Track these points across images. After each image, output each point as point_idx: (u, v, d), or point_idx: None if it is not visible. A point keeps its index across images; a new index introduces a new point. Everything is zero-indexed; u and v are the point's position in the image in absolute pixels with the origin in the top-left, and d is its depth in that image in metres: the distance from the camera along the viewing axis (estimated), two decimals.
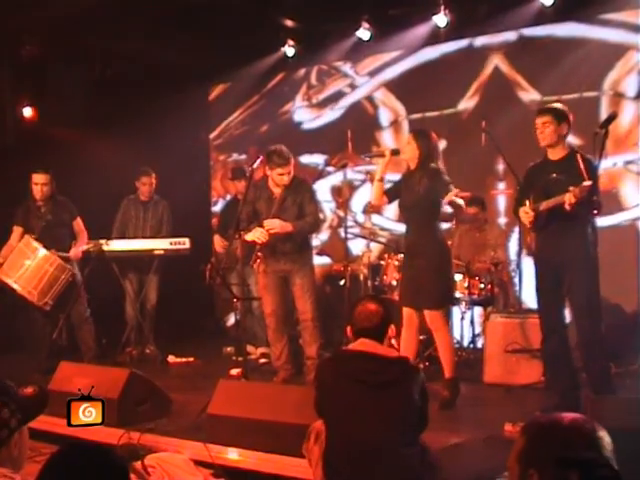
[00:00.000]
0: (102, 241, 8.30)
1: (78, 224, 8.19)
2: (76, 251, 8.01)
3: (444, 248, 6.43)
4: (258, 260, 6.96)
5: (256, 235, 6.85)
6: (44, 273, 7.56)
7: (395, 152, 6.48)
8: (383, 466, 3.62)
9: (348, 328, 3.99)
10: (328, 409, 3.85)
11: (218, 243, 8.74)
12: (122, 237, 8.70)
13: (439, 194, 6.17)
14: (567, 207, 5.35)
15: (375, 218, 9.68)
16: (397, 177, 6.73)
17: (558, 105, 5.91)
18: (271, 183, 7.06)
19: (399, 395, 3.72)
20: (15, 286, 7.55)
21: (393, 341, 4.09)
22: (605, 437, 2.10)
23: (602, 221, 6.48)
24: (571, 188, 5.31)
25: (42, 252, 7.60)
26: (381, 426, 3.66)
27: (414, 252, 6.37)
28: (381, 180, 6.45)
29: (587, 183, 5.23)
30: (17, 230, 7.96)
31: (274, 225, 6.83)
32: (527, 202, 5.74)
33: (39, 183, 7.95)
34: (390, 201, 6.56)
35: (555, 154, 5.75)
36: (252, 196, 7.11)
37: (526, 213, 5.74)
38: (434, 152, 6.35)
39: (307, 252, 7.18)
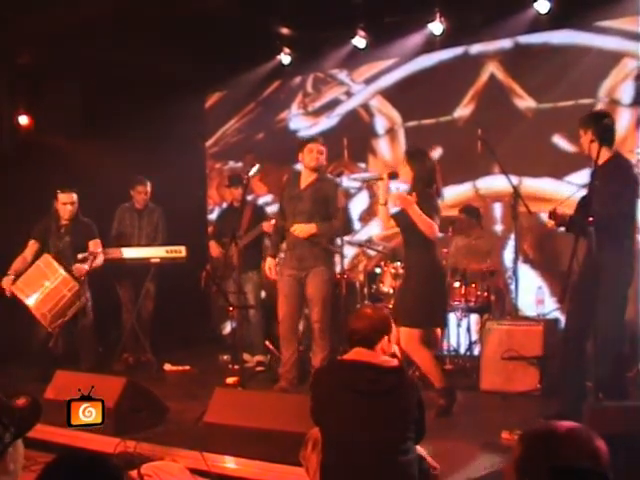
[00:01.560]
0: (99, 249, 8.28)
1: (95, 244, 8.09)
2: (79, 267, 7.87)
3: (435, 271, 6.34)
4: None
5: None
6: (61, 298, 7.55)
7: (393, 175, 6.40)
8: (381, 475, 3.61)
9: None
10: (324, 418, 3.83)
11: (214, 249, 8.73)
12: (119, 245, 8.69)
13: (431, 214, 6.14)
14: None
15: (372, 226, 9.70)
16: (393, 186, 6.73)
17: (593, 111, 5.94)
18: (303, 174, 7.11)
19: (395, 404, 3.71)
20: (29, 304, 7.53)
21: (396, 349, 4.08)
22: (602, 446, 2.09)
23: None
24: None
25: (62, 275, 7.57)
26: (378, 435, 3.65)
27: (407, 274, 6.49)
28: (385, 204, 6.38)
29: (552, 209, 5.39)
30: (32, 245, 7.94)
31: (298, 233, 6.92)
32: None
33: (67, 202, 7.94)
34: (398, 225, 6.46)
35: (600, 159, 5.52)
36: (284, 182, 7.33)
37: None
38: (429, 174, 6.28)
39: (321, 255, 7.04)
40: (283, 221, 7.23)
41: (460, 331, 7.96)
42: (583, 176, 7.28)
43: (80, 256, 7.94)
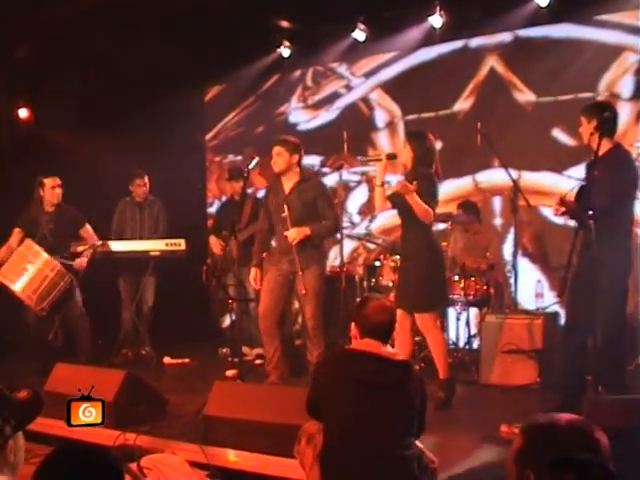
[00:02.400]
0: (98, 243, 8.29)
1: (87, 231, 8.15)
2: (81, 261, 7.97)
3: (435, 251, 6.39)
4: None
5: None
6: (44, 278, 7.55)
7: (391, 156, 6.42)
8: (382, 469, 3.61)
9: (353, 325, 3.93)
10: (327, 409, 3.79)
11: (215, 244, 8.72)
12: (120, 239, 8.70)
13: (428, 199, 6.17)
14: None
15: (371, 219, 9.70)
16: (394, 178, 6.74)
17: (597, 101, 5.82)
18: (283, 178, 6.97)
19: (401, 398, 3.70)
20: (15, 288, 7.54)
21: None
22: (602, 438, 2.09)
23: None
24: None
25: (44, 257, 7.58)
26: (382, 427, 3.64)
27: (406, 255, 6.44)
28: (382, 185, 6.37)
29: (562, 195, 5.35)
30: (17, 233, 7.93)
31: (293, 236, 6.74)
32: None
33: (55, 186, 7.93)
34: (394, 206, 6.46)
35: (600, 150, 5.47)
36: (269, 188, 7.14)
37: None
38: (429, 154, 6.30)
39: (313, 255, 6.88)
40: (268, 228, 7.14)
41: (459, 325, 7.95)
42: (583, 170, 7.27)
43: (80, 249, 7.98)
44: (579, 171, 7.79)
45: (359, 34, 9.41)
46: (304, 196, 6.87)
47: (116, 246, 8.52)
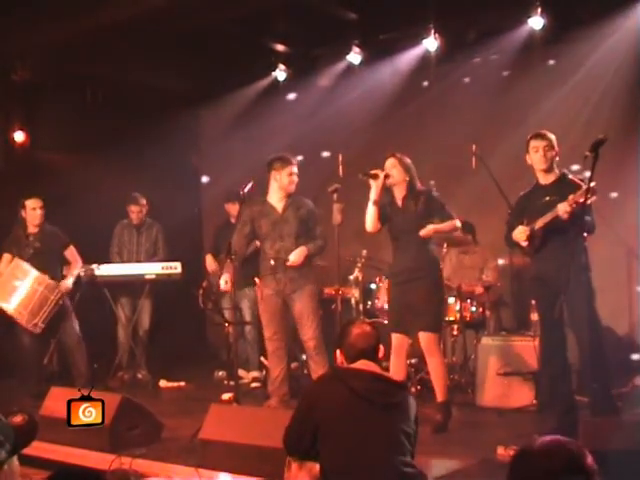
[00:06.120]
0: (93, 266, 8.30)
1: (71, 253, 8.14)
2: (66, 284, 7.97)
3: (441, 271, 6.49)
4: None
5: None
6: (34, 293, 7.57)
7: (388, 176, 6.41)
8: None
9: (339, 352, 3.95)
10: (330, 430, 3.70)
11: (210, 264, 8.74)
12: (119, 262, 8.72)
13: (436, 216, 6.23)
14: (564, 216, 5.39)
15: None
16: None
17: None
18: (275, 197, 6.97)
19: (403, 418, 3.71)
20: (5, 306, 7.54)
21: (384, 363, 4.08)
22: (590, 461, 2.09)
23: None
24: (570, 197, 5.36)
25: (33, 273, 7.62)
26: (389, 446, 3.62)
27: (413, 276, 6.29)
28: (376, 204, 6.34)
29: (584, 188, 5.29)
30: (6, 257, 7.94)
31: (294, 261, 6.76)
32: (520, 226, 5.75)
33: (36, 207, 7.95)
34: (381, 226, 6.47)
35: (547, 178, 5.82)
36: (250, 215, 7.04)
37: (521, 233, 5.75)
38: (415, 173, 6.38)
39: (307, 274, 6.90)
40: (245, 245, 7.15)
41: (455, 347, 7.94)
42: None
43: (74, 272, 8.00)
44: None
45: (354, 57, 9.44)
46: (300, 213, 6.89)
47: (112, 269, 8.53)
